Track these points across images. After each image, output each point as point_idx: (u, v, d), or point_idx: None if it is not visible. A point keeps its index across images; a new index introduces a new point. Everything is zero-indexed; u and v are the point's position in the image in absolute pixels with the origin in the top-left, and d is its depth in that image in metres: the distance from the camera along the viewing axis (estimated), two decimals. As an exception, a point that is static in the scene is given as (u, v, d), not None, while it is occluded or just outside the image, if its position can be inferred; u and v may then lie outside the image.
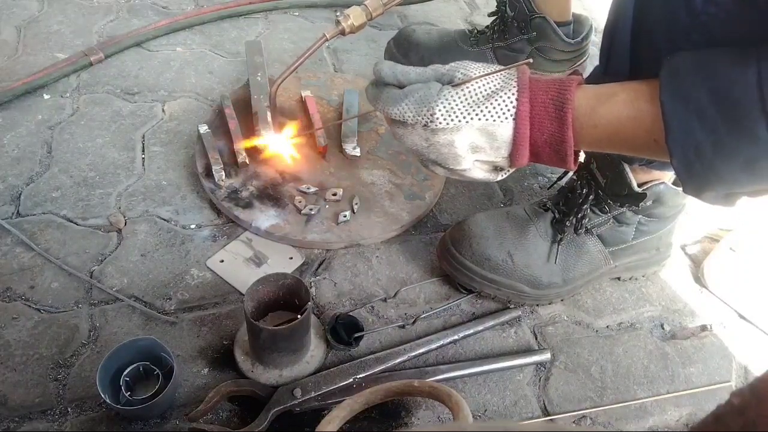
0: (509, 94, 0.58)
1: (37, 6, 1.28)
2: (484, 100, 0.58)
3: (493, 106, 0.58)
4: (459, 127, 0.59)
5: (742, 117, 0.49)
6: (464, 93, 0.59)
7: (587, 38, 1.17)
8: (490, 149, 0.61)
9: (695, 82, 0.51)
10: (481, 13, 1.46)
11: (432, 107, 0.59)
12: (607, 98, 0.57)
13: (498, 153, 0.61)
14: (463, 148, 0.60)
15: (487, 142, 0.60)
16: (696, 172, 0.53)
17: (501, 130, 0.59)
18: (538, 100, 0.58)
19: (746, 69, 0.48)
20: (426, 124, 0.60)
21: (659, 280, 0.92)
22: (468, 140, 0.60)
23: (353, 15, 0.85)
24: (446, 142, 0.60)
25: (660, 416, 0.77)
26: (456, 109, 0.59)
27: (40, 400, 0.70)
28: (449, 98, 0.59)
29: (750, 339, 0.87)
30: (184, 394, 0.72)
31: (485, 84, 0.59)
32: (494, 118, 0.58)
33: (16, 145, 0.98)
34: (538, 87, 0.58)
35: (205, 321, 0.79)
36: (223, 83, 1.15)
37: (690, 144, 0.52)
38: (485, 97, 0.59)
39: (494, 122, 0.58)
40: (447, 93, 0.59)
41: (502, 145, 0.60)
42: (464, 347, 0.80)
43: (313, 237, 0.88)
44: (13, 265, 0.82)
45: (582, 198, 0.80)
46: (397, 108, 0.61)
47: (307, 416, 0.71)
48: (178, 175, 0.97)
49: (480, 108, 0.58)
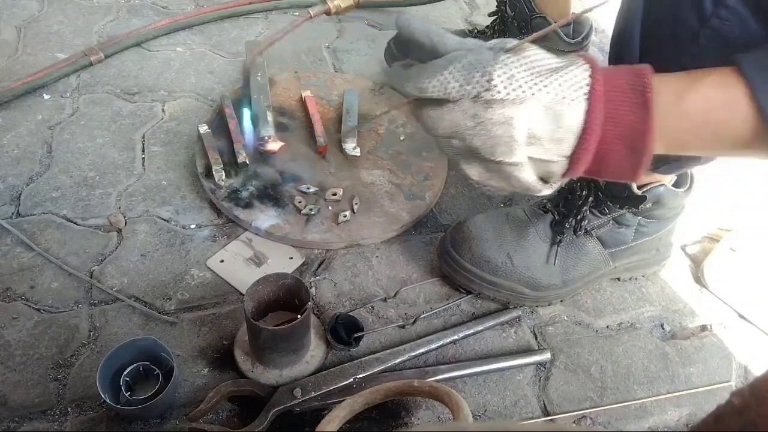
0: (581, 69, 0.48)
1: (37, 6, 1.28)
2: (550, 72, 0.48)
3: (564, 79, 0.47)
4: (522, 98, 0.47)
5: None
6: (525, 62, 0.48)
7: (587, 38, 1.17)
8: (550, 141, 0.49)
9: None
10: (481, 13, 1.46)
11: (489, 72, 0.47)
12: (691, 83, 0.49)
13: (558, 148, 0.49)
14: (521, 132, 0.48)
15: (550, 129, 0.48)
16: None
17: (570, 113, 0.47)
18: (611, 82, 0.48)
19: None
20: (478, 95, 0.47)
21: (659, 281, 0.92)
22: (528, 121, 0.48)
23: None
24: (502, 119, 0.47)
25: (660, 416, 0.77)
26: (518, 77, 0.47)
27: (40, 400, 0.70)
28: (509, 64, 0.48)
29: (750, 339, 0.87)
30: (184, 394, 0.72)
31: (545, 58, 0.50)
32: (564, 94, 0.47)
33: (16, 145, 0.99)
34: (611, 71, 0.49)
35: (205, 321, 0.79)
36: (223, 83, 1.15)
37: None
38: (551, 71, 0.48)
39: (563, 99, 0.47)
40: (506, 59, 0.48)
41: (566, 135, 0.48)
42: (464, 347, 0.80)
43: (313, 237, 0.88)
44: (13, 265, 0.82)
45: (582, 200, 0.80)
46: (438, 78, 0.49)
47: (307, 416, 0.71)
48: (178, 175, 0.97)
49: (548, 79, 0.47)
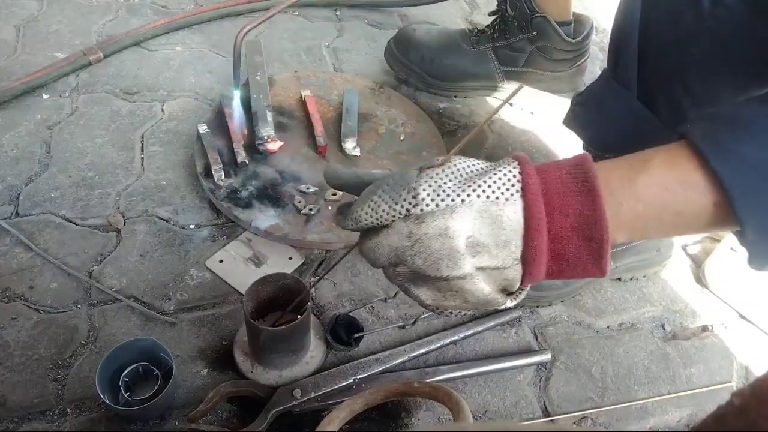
0: (509, 167, 0.45)
1: (36, 5, 1.28)
2: (477, 176, 0.45)
3: (492, 179, 0.45)
4: (453, 207, 0.44)
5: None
6: (450, 170, 0.46)
7: (588, 38, 1.17)
8: (495, 246, 0.44)
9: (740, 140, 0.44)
10: (482, 12, 1.46)
11: (414, 187, 0.45)
12: (641, 166, 0.45)
13: (506, 252, 0.45)
14: (460, 240, 0.44)
15: (491, 234, 0.44)
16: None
17: (507, 212, 0.44)
18: (550, 175, 0.45)
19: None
20: (408, 212, 0.45)
21: (660, 281, 0.92)
22: (465, 228, 0.44)
23: None
24: (437, 231, 0.44)
25: (661, 417, 0.77)
26: (445, 187, 0.45)
27: (39, 400, 0.69)
28: (434, 176, 0.45)
29: (751, 339, 0.87)
30: (184, 395, 0.72)
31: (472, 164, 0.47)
32: (497, 194, 0.44)
33: (15, 145, 0.98)
34: (546, 165, 0.46)
35: (204, 321, 0.79)
36: (222, 83, 1.15)
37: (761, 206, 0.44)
38: (478, 174, 0.46)
39: (497, 200, 0.44)
40: (430, 172, 0.46)
41: (511, 236, 0.44)
42: (464, 348, 0.80)
43: (313, 237, 0.88)
44: (12, 265, 0.82)
45: None
46: (369, 204, 0.46)
47: (307, 417, 0.71)
48: (177, 174, 0.97)
49: (476, 183, 0.45)
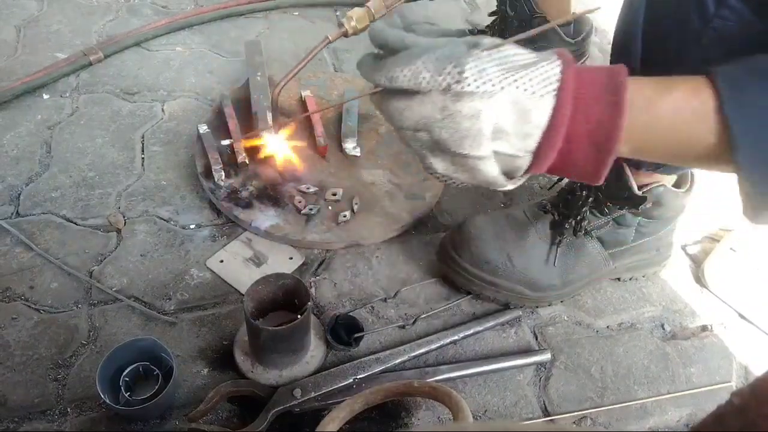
0: (553, 65, 0.48)
1: (37, 6, 1.28)
2: (521, 68, 0.48)
3: (534, 74, 0.47)
4: (492, 92, 0.46)
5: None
6: (498, 57, 0.48)
7: (588, 38, 1.17)
8: (516, 136, 0.48)
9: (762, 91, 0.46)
10: (482, 12, 1.46)
11: (461, 63, 0.47)
12: (664, 89, 0.48)
13: (523, 144, 0.49)
14: (488, 126, 0.48)
15: (516, 124, 0.48)
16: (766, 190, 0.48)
17: (538, 108, 0.47)
18: (585, 78, 0.47)
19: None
20: (449, 86, 0.47)
21: (659, 281, 0.92)
22: (496, 115, 0.47)
23: (356, 17, 0.84)
24: (471, 113, 0.47)
25: (660, 416, 0.77)
26: (490, 71, 0.47)
27: (39, 400, 0.70)
28: (482, 58, 0.47)
29: (750, 339, 0.87)
30: (184, 395, 0.72)
31: (519, 54, 0.49)
32: (534, 89, 0.47)
33: (15, 145, 0.98)
34: (584, 68, 0.49)
35: (204, 321, 0.79)
36: (222, 83, 1.15)
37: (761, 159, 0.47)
38: (522, 66, 0.48)
39: (533, 95, 0.47)
40: (478, 53, 0.48)
41: (533, 131, 0.48)
42: (464, 347, 0.80)
43: (313, 237, 0.88)
44: (12, 265, 0.82)
45: (582, 200, 0.80)
46: (410, 68, 0.48)
47: (307, 416, 0.71)
48: (177, 175, 0.97)
49: (518, 74, 0.47)
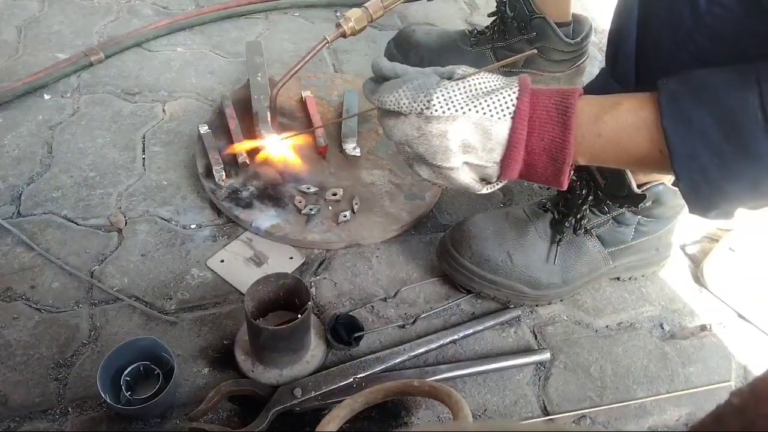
0: (510, 92, 0.57)
1: (38, 6, 1.28)
2: (483, 95, 0.57)
3: (492, 100, 0.57)
4: (455, 116, 0.57)
5: (746, 138, 0.49)
6: (463, 86, 0.58)
7: (587, 38, 1.17)
8: (482, 150, 0.58)
9: (696, 106, 0.51)
10: (481, 13, 1.46)
11: (430, 93, 0.57)
12: (610, 107, 0.56)
13: (490, 156, 0.59)
14: (455, 143, 0.58)
15: (481, 141, 0.58)
16: (703, 193, 0.54)
17: (497, 128, 0.57)
18: (540, 103, 0.57)
19: (747, 90, 0.49)
20: (421, 111, 0.58)
21: (659, 280, 0.92)
22: (461, 134, 0.58)
23: (354, 18, 0.84)
24: (439, 132, 0.58)
25: (659, 416, 0.77)
26: (454, 98, 0.57)
27: (40, 399, 0.70)
28: (448, 87, 0.58)
29: (749, 339, 0.87)
30: (185, 394, 0.72)
31: (485, 81, 0.59)
32: (492, 113, 0.57)
33: (16, 145, 0.99)
34: (540, 92, 0.58)
35: (205, 321, 0.79)
36: (223, 83, 1.15)
37: (696, 168, 0.52)
38: (485, 93, 0.58)
39: (491, 117, 0.57)
40: (446, 83, 0.58)
41: (495, 146, 0.58)
42: (464, 347, 0.80)
43: (313, 237, 0.88)
44: (13, 265, 0.82)
45: (581, 199, 0.80)
46: (394, 95, 0.59)
47: (308, 416, 0.71)
48: (178, 175, 0.97)
49: (479, 101, 0.57)
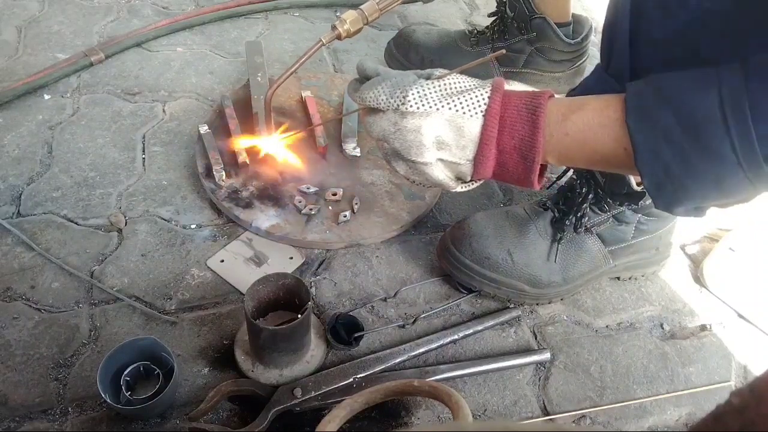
0: (483, 91, 0.60)
1: (38, 6, 1.28)
2: (457, 93, 0.60)
3: (465, 98, 0.59)
4: (429, 112, 0.60)
5: (708, 138, 0.50)
6: (439, 84, 0.61)
7: (587, 39, 1.17)
8: (456, 147, 0.61)
9: (659, 105, 0.52)
10: (481, 13, 1.46)
11: (406, 90, 0.60)
12: (578, 107, 0.58)
13: (463, 153, 0.61)
14: (429, 138, 0.60)
15: (454, 138, 0.60)
16: (667, 190, 0.55)
17: (469, 126, 0.59)
18: (511, 102, 0.59)
19: (708, 91, 0.50)
20: (397, 107, 0.61)
21: (659, 280, 0.92)
22: (435, 130, 0.60)
23: (349, 20, 0.84)
24: (413, 128, 0.60)
25: (659, 416, 0.77)
26: (429, 96, 0.60)
27: (40, 399, 0.70)
28: (424, 86, 0.61)
29: (749, 339, 0.87)
30: (185, 394, 0.72)
31: (460, 81, 0.62)
32: (465, 110, 0.59)
33: (16, 145, 0.99)
34: (512, 93, 0.60)
35: (205, 321, 0.79)
36: (223, 83, 1.15)
37: (659, 165, 0.54)
38: (459, 92, 0.60)
39: (464, 115, 0.59)
40: (423, 82, 0.61)
41: (468, 143, 0.60)
42: (464, 347, 0.80)
43: (313, 237, 0.88)
44: (13, 265, 0.82)
45: (581, 197, 0.80)
46: (373, 92, 0.62)
47: (308, 416, 0.71)
48: (178, 175, 0.97)
49: (453, 99, 0.60)
